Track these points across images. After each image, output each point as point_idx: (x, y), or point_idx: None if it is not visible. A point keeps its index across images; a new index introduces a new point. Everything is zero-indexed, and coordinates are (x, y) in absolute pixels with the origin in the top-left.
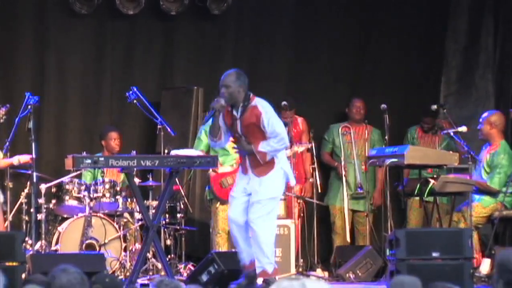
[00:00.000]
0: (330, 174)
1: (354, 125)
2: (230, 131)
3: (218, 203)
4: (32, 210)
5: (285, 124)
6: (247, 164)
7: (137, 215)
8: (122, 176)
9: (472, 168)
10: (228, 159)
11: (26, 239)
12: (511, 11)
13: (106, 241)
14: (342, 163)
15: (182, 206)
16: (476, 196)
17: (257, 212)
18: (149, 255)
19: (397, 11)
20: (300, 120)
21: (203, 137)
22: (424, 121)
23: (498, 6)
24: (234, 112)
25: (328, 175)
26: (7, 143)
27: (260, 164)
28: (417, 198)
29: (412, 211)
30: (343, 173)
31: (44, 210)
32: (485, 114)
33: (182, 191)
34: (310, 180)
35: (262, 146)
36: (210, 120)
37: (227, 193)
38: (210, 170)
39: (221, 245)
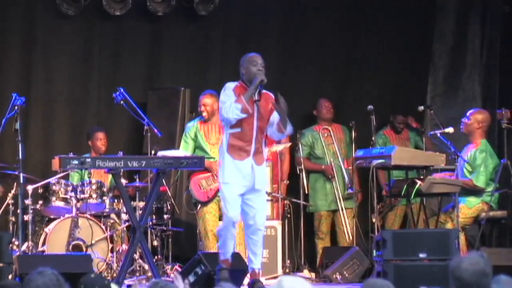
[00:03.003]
0: (310, 179)
1: (328, 125)
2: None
3: (200, 205)
4: (18, 211)
5: None
6: (252, 148)
7: (124, 216)
8: (109, 177)
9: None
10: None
11: (13, 240)
12: (498, 12)
13: (93, 242)
14: (329, 164)
15: (169, 207)
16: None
17: (264, 210)
18: (136, 256)
19: (384, 12)
20: None
21: (189, 140)
22: (398, 120)
23: (485, 8)
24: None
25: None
26: None
27: (260, 151)
28: (402, 205)
29: (395, 216)
30: (335, 174)
31: (31, 211)
32: (472, 110)
33: (169, 192)
34: (285, 182)
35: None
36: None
37: (206, 194)
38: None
39: (210, 248)
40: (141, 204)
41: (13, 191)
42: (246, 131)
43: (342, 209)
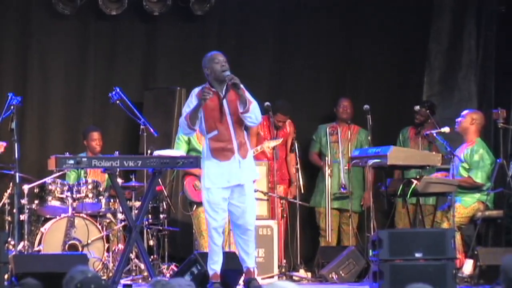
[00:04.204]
0: (318, 174)
1: (342, 125)
2: (207, 114)
3: (195, 205)
4: (15, 210)
5: (278, 127)
6: (235, 145)
7: (120, 216)
8: (105, 176)
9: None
10: None
11: (9, 239)
12: (493, 12)
13: (89, 241)
14: (328, 162)
15: (165, 207)
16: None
17: (252, 208)
18: (132, 255)
19: (380, 13)
20: (287, 122)
21: (182, 143)
22: (420, 113)
23: (481, 8)
24: (219, 92)
25: (313, 175)
26: None
27: (243, 143)
28: (400, 200)
29: (397, 214)
30: (328, 172)
31: (27, 211)
32: (467, 111)
33: (165, 191)
34: (295, 183)
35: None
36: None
37: (200, 194)
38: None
39: (205, 247)
40: (137, 203)
41: (9, 191)
42: (223, 131)
43: (327, 208)
